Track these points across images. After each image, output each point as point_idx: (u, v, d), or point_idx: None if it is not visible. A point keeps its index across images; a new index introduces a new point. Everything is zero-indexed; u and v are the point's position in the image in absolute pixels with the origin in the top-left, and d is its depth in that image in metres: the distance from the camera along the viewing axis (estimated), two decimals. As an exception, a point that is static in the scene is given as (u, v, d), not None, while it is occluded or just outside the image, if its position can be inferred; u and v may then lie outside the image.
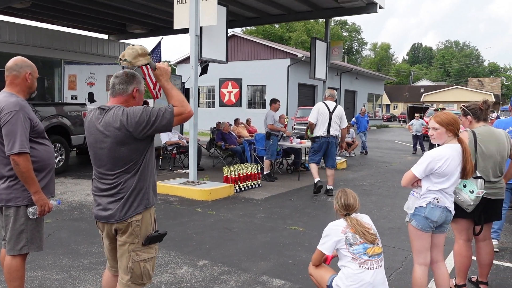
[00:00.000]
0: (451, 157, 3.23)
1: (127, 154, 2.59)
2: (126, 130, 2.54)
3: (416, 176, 3.26)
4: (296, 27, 58.50)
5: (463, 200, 3.53)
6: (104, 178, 2.66)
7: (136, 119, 2.53)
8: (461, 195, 3.51)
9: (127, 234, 2.65)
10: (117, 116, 2.56)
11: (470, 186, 3.54)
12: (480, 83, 61.96)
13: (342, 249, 3.06)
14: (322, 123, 8.41)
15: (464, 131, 3.86)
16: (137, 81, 2.74)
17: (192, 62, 8.34)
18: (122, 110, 2.57)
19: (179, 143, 11.33)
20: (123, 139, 2.55)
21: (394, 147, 20.13)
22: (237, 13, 14.10)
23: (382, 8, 12.93)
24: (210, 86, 28.92)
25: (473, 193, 3.51)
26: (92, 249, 4.95)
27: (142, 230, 2.68)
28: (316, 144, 8.50)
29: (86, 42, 17.99)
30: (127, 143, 2.57)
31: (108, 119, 2.58)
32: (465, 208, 3.57)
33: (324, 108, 8.48)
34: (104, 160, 2.64)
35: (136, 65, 2.65)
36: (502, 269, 4.69)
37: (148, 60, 2.69)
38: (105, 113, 2.62)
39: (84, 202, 7.29)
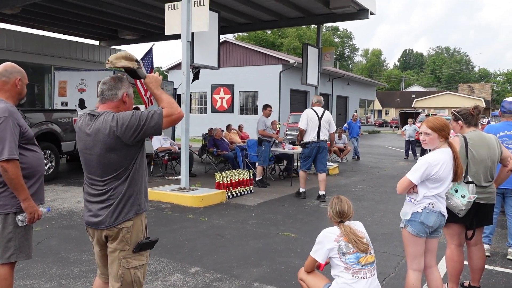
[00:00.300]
0: (446, 161, 3.25)
1: (117, 160, 2.58)
2: (116, 136, 2.53)
3: (413, 182, 3.26)
4: (288, 33, 58.77)
5: (455, 205, 3.55)
6: (95, 184, 2.65)
7: (126, 124, 2.52)
8: (453, 200, 3.53)
9: (117, 240, 2.63)
10: (107, 122, 2.55)
11: (462, 191, 3.56)
12: (471, 88, 62.56)
13: (335, 258, 3.05)
14: (312, 129, 8.48)
15: (455, 136, 3.89)
16: (125, 86, 2.74)
17: (183, 68, 8.34)
18: (112, 116, 2.57)
19: (171, 149, 11.30)
20: (113, 145, 2.55)
21: (386, 153, 20.22)
22: (229, 19, 14.14)
23: (374, 14, 13.03)
24: (202, 92, 28.91)
25: (465, 198, 3.53)
26: (82, 256, 4.90)
27: (132, 236, 2.66)
28: (307, 149, 8.54)
29: (76, 48, 17.94)
30: (117, 149, 2.56)
31: (98, 125, 2.57)
32: (457, 213, 3.59)
33: (313, 114, 8.55)
34: (94, 166, 2.62)
35: (116, 66, 2.66)
36: (494, 273, 4.72)
37: (133, 65, 2.70)
38: (95, 119, 2.61)
39: (74, 210, 7.23)
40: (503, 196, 5.02)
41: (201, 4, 8.09)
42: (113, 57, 2.67)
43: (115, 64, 2.65)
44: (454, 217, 3.64)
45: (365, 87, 40.81)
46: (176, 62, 29.25)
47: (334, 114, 33.68)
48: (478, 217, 3.80)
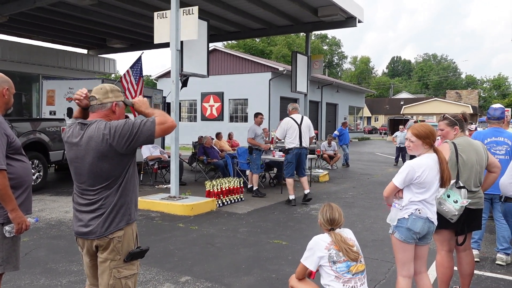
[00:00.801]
0: (429, 166, 3.28)
1: (109, 169, 2.57)
2: (109, 144, 2.52)
3: (397, 186, 3.30)
4: (277, 41, 59.07)
5: (447, 211, 3.57)
6: (85, 193, 2.63)
7: (119, 132, 2.52)
8: (445, 205, 3.56)
9: (108, 250, 2.61)
10: (100, 130, 2.55)
11: (454, 196, 3.59)
12: (458, 95, 63.29)
13: (325, 266, 3.04)
14: (294, 136, 8.74)
15: (445, 143, 3.92)
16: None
17: (173, 77, 8.34)
18: (104, 124, 2.56)
19: (161, 158, 11.25)
20: (106, 153, 2.54)
21: (375, 159, 20.33)
22: (218, 27, 14.19)
23: (361, 22, 13.16)
24: (192, 100, 28.89)
25: (457, 203, 3.56)
26: (71, 267, 4.85)
27: (123, 246, 2.64)
28: (289, 155, 8.77)
29: (65, 57, 17.85)
30: (109, 158, 2.55)
31: (90, 133, 2.56)
32: (449, 218, 3.61)
33: (292, 122, 8.82)
34: (85, 175, 2.61)
35: (104, 102, 2.68)
36: (484, 278, 4.75)
37: (120, 98, 2.75)
38: (87, 128, 2.60)
39: (63, 220, 7.15)
40: (491, 201, 5.07)
41: (190, 12, 8.12)
42: (100, 93, 2.69)
43: (103, 101, 2.68)
44: (444, 223, 3.67)
45: (354, 94, 41.09)
46: (165, 70, 29.24)
47: (324, 121, 33.85)
48: (468, 222, 3.83)
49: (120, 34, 15.62)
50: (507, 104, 59.30)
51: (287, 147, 8.84)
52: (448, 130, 4.00)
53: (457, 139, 3.93)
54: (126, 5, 11.94)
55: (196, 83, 24.11)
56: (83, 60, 18.60)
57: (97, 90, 2.70)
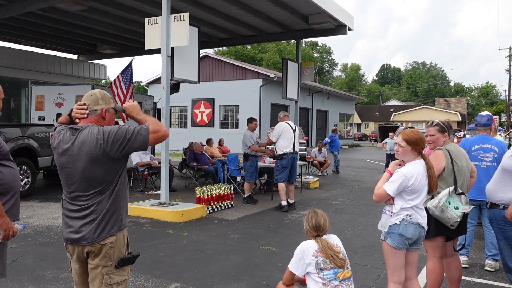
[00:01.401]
0: (421, 173, 3.31)
1: (102, 174, 2.55)
2: (102, 149, 2.51)
3: (389, 194, 3.31)
4: (268, 48, 59.32)
5: (450, 217, 3.60)
6: (77, 199, 2.60)
7: (112, 137, 2.52)
8: (448, 212, 3.58)
9: (100, 256, 2.59)
10: (93, 134, 2.54)
11: (454, 203, 3.62)
12: (447, 103, 63.96)
13: (313, 273, 3.03)
14: (288, 140, 8.88)
15: (438, 150, 3.92)
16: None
17: (163, 83, 8.32)
18: (97, 129, 2.56)
19: (151, 164, 11.20)
20: (99, 158, 2.53)
21: (366, 166, 20.43)
22: (209, 34, 14.21)
23: (351, 30, 13.26)
24: (183, 107, 28.84)
25: (459, 210, 3.60)
26: (59, 274, 4.79)
27: (115, 252, 2.62)
28: (285, 160, 8.86)
29: (54, 62, 17.73)
30: (102, 163, 2.54)
31: (83, 137, 2.55)
32: (450, 225, 3.64)
33: (288, 127, 8.99)
34: (77, 181, 2.58)
35: (94, 109, 2.68)
36: (472, 284, 4.78)
37: (111, 104, 2.75)
38: (79, 132, 2.59)
39: (51, 226, 7.08)
40: (480, 208, 5.11)
41: (181, 19, 8.12)
42: (90, 100, 2.69)
43: (93, 108, 2.68)
44: (439, 230, 3.70)
45: (345, 101, 41.31)
46: (156, 76, 29.19)
47: (314, 127, 33.96)
48: (457, 227, 3.86)
49: (110, 39, 15.58)
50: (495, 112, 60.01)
51: (282, 151, 8.86)
52: (439, 136, 4.00)
53: (448, 146, 3.96)
54: (117, 11, 11.92)
55: (187, 90, 24.10)
56: (73, 65, 18.49)
57: (87, 97, 2.71)
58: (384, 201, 3.39)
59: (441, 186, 3.77)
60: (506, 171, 3.60)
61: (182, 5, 10.79)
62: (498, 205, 3.65)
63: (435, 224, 3.70)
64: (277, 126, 9.09)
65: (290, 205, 8.96)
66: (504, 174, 3.62)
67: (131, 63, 10.63)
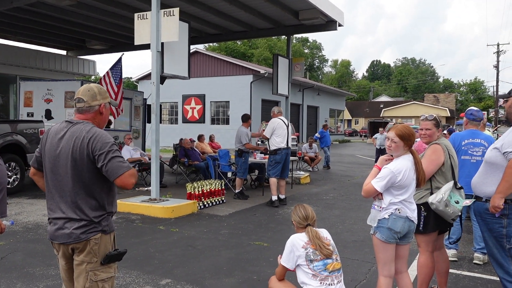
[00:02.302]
0: (408, 168, 3.31)
1: (86, 170, 2.53)
2: (85, 146, 2.51)
3: (378, 190, 3.32)
4: (259, 44, 59.23)
5: (452, 212, 3.63)
6: (62, 196, 2.57)
7: (97, 141, 2.50)
8: (450, 207, 3.61)
9: (85, 252, 2.56)
10: (83, 131, 2.54)
11: (455, 197, 3.66)
12: (436, 98, 64.41)
13: (303, 265, 3.07)
14: (282, 136, 8.93)
15: (436, 144, 3.93)
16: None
17: (153, 78, 8.27)
18: (90, 127, 2.56)
19: (141, 160, 11.15)
20: (83, 155, 2.51)
21: (356, 161, 20.52)
22: (199, 29, 14.14)
23: (342, 26, 13.28)
24: (173, 103, 28.71)
25: (459, 204, 3.63)
26: (49, 271, 4.75)
27: (101, 248, 2.59)
28: (278, 156, 8.90)
29: (43, 58, 17.54)
30: (86, 161, 2.52)
31: (74, 131, 2.55)
32: (452, 219, 3.69)
33: (282, 123, 9.04)
34: (61, 175, 2.56)
35: (92, 105, 2.66)
36: (461, 277, 4.82)
37: (107, 99, 2.73)
38: (72, 126, 2.59)
39: (40, 223, 7.01)
40: (468, 201, 5.15)
41: (170, 14, 8.06)
42: (88, 95, 2.65)
43: (91, 103, 2.65)
44: (439, 225, 3.74)
45: (335, 97, 41.42)
46: (146, 72, 28.99)
47: (305, 123, 34.02)
48: (444, 221, 3.89)
49: (99, 35, 15.43)
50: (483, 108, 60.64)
51: (275, 147, 8.89)
52: (435, 131, 4.01)
53: (442, 140, 3.98)
54: (106, 6, 11.81)
55: (177, 85, 24.02)
56: (62, 61, 18.30)
57: (84, 92, 2.66)
58: (372, 197, 3.40)
59: (440, 181, 3.80)
60: (488, 163, 3.63)
61: (172, 0, 10.72)
62: (481, 197, 3.68)
63: (435, 219, 3.73)
64: (270, 122, 9.10)
65: (281, 200, 8.99)
66: (487, 167, 3.65)
67: (120, 58, 10.56)
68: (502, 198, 3.40)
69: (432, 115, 4.09)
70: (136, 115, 13.52)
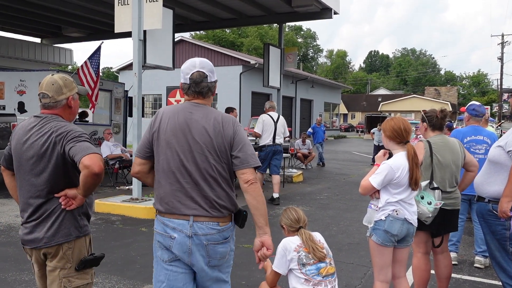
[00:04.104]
0: (407, 165, 3.34)
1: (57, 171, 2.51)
2: (54, 143, 2.48)
3: (375, 187, 3.33)
4: (249, 33, 59.11)
5: (421, 212, 3.64)
6: (32, 196, 2.55)
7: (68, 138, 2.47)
8: (419, 207, 3.63)
9: (57, 258, 2.54)
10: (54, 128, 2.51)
11: (428, 197, 3.67)
12: (437, 92, 64.92)
13: (295, 269, 3.08)
14: (268, 133, 9.13)
15: (419, 142, 4.01)
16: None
17: (135, 69, 8.23)
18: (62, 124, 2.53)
19: (122, 157, 11.09)
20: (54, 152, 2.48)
21: (352, 159, 20.63)
22: (185, 16, 14.09)
23: (337, 14, 13.31)
24: (157, 95, 28.60)
25: (431, 205, 3.64)
26: (22, 277, 4.72)
27: (75, 253, 2.57)
28: (263, 153, 9.07)
29: (15, 46, 17.35)
30: (54, 158, 2.49)
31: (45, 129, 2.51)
32: (423, 220, 3.69)
33: (269, 119, 9.22)
34: (27, 173, 2.54)
35: (59, 99, 2.60)
36: (461, 282, 4.88)
37: (74, 90, 2.67)
38: (42, 120, 2.56)
39: (13, 224, 6.96)
40: (469, 202, 5.21)
41: (153, 0, 8.02)
42: (52, 89, 2.59)
43: (57, 98, 2.59)
44: (420, 225, 3.74)
45: (330, 90, 41.56)
46: (127, 62, 28.87)
47: (298, 118, 34.09)
48: (444, 223, 3.92)
49: (77, 21, 15.30)
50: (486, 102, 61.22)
51: (261, 143, 9.14)
52: (421, 126, 4.18)
53: (432, 137, 4.01)
54: (84, -10, 11.72)
55: (161, 76, 23.88)
56: (36, 49, 18.12)
57: (48, 87, 2.59)
58: (369, 195, 3.42)
59: None
60: (492, 162, 3.66)
61: (156, -15, 10.65)
62: (484, 198, 3.71)
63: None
64: (259, 118, 9.32)
65: (274, 199, 9.06)
66: (490, 166, 3.68)
67: (99, 47, 10.48)
68: (510, 202, 3.43)
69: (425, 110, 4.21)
70: (116, 108, 13.44)
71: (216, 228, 2.56)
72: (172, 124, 2.55)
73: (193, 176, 2.51)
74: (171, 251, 2.51)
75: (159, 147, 2.56)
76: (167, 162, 2.53)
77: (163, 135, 2.55)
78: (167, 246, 2.52)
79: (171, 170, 2.53)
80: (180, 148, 2.51)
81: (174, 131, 2.53)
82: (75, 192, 2.50)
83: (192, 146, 2.51)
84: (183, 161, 2.51)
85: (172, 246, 2.50)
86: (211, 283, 2.62)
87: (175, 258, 2.53)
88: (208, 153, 2.51)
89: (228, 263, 2.72)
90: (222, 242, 2.60)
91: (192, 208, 2.50)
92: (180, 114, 2.59)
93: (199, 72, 2.60)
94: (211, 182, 2.54)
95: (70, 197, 2.50)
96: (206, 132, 2.52)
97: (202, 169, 2.51)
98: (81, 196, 2.51)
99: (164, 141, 2.54)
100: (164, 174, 2.55)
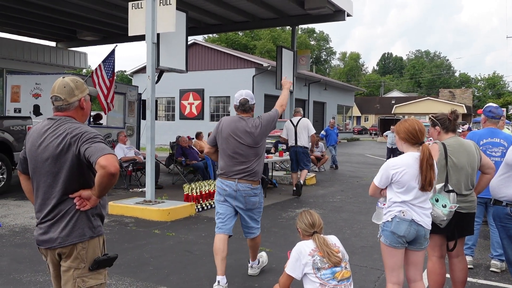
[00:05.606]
0: (408, 165, 3.30)
1: (72, 172, 2.53)
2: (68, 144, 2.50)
3: (376, 184, 3.41)
4: (262, 35, 59.21)
5: (436, 216, 3.61)
6: (47, 198, 2.58)
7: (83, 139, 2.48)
8: (433, 210, 3.59)
9: (71, 258, 2.57)
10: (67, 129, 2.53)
11: (443, 200, 3.63)
12: (452, 94, 64.25)
13: (310, 274, 3.06)
14: (290, 136, 10.53)
15: (434, 143, 3.97)
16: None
17: (148, 72, 8.28)
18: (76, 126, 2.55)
19: (135, 159, 11.16)
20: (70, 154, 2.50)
21: (365, 161, 20.51)
22: (198, 19, 14.15)
23: (350, 16, 13.27)
24: (170, 98, 28.73)
25: (446, 208, 3.60)
26: (37, 278, 4.77)
27: (88, 253, 2.59)
28: (289, 153, 10.70)
29: (31, 49, 17.58)
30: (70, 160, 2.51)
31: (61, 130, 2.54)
32: (438, 223, 3.65)
33: (289, 124, 10.61)
34: (44, 175, 2.57)
35: (71, 101, 2.64)
36: (477, 286, 4.82)
37: (85, 92, 2.71)
38: (56, 123, 2.58)
39: (28, 226, 7.04)
40: (486, 205, 5.14)
41: (167, 3, 8.06)
42: (64, 92, 2.63)
43: (69, 101, 2.64)
44: (434, 228, 3.70)
45: (343, 92, 41.39)
46: (141, 65, 29.02)
47: (311, 120, 34.01)
48: (459, 227, 3.87)
49: (91, 25, 15.46)
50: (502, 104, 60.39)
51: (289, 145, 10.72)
52: (432, 131, 4.14)
53: (447, 140, 3.97)
54: (98, -5, 11.83)
55: (174, 79, 23.99)
56: (51, 53, 18.35)
57: (60, 89, 2.63)
58: (377, 195, 3.47)
59: None
60: (509, 165, 3.61)
61: (169, -12, 10.71)
62: (502, 201, 3.66)
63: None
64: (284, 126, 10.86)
65: (297, 185, 10.16)
66: (507, 169, 3.63)
67: (113, 50, 10.56)
68: None
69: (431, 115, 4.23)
70: (130, 111, 13.54)
71: (250, 187, 4.53)
72: (228, 127, 4.56)
73: (239, 158, 4.51)
74: (224, 197, 4.57)
75: (220, 140, 4.62)
76: (226, 148, 4.55)
77: (223, 134, 4.57)
78: (222, 194, 4.56)
79: (227, 153, 4.55)
80: (233, 140, 4.52)
81: (229, 131, 4.55)
82: (89, 193, 2.53)
83: (239, 140, 4.50)
84: (234, 149, 4.51)
85: (225, 194, 4.55)
86: (249, 220, 4.70)
87: (225, 201, 4.58)
88: (247, 144, 4.52)
89: (258, 209, 4.77)
90: (253, 195, 4.58)
91: (237, 175, 4.51)
92: (232, 122, 4.59)
93: (244, 98, 4.74)
94: (248, 160, 4.53)
95: (84, 197, 2.53)
96: (247, 132, 4.54)
97: (244, 154, 4.52)
98: (95, 197, 2.54)
99: (223, 137, 4.57)
100: (225, 155, 4.57)
